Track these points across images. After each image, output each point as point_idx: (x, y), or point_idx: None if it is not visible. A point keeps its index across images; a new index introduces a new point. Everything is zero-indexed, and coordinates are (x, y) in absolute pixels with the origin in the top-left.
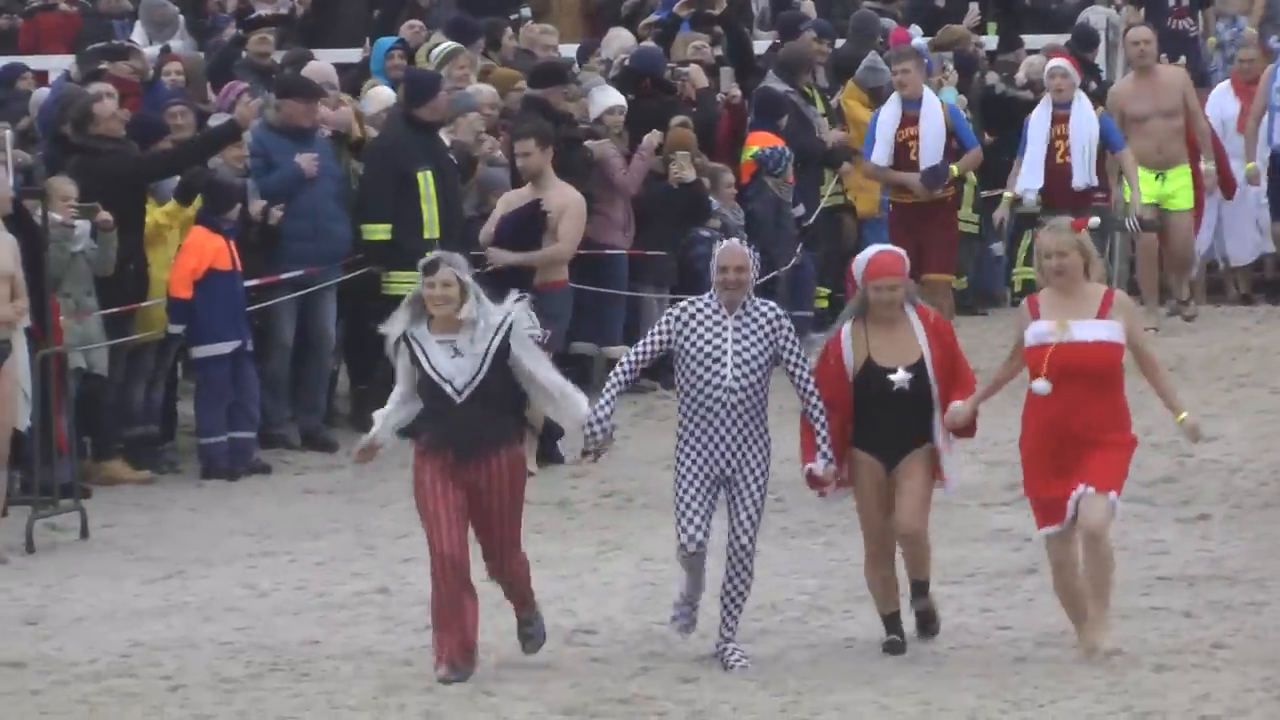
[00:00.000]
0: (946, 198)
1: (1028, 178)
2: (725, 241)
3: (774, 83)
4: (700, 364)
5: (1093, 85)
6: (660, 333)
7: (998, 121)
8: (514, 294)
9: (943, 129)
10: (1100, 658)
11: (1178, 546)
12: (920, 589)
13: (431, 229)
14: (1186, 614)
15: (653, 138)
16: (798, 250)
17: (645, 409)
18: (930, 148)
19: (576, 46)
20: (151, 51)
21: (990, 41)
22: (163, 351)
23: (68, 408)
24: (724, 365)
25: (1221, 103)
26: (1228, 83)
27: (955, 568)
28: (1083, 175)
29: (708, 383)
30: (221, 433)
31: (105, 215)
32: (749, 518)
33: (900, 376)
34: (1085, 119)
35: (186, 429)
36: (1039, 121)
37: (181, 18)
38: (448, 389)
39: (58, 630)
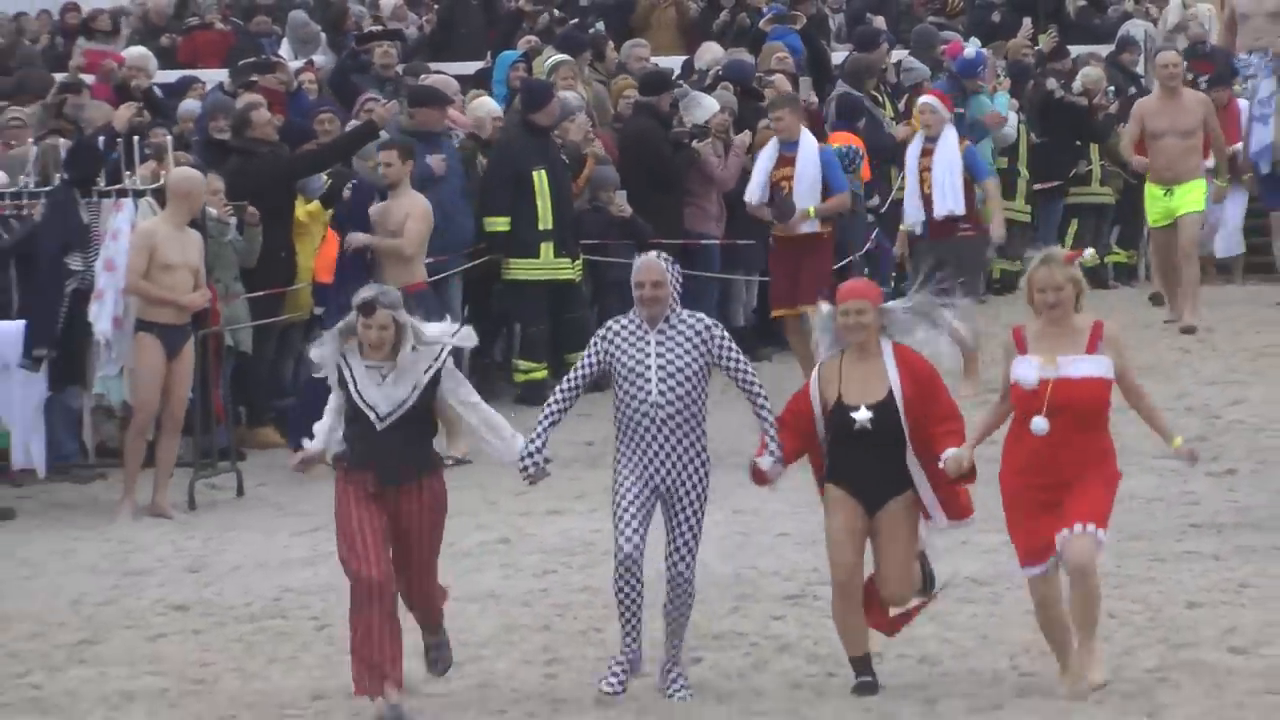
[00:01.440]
0: (822, 235)
1: (910, 210)
2: (642, 257)
3: (845, 89)
4: (627, 380)
5: (1131, 90)
6: (590, 356)
7: (1056, 123)
8: (453, 323)
9: (816, 170)
10: (1088, 692)
11: (1208, 497)
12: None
13: (545, 221)
14: (1215, 557)
15: (744, 138)
16: (873, 235)
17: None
18: (803, 186)
19: (669, 57)
20: (296, 64)
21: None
22: (309, 330)
23: (225, 381)
24: (649, 381)
25: None
26: None
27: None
28: (943, 205)
29: (634, 398)
30: None
31: (253, 211)
32: (686, 544)
33: (862, 415)
34: (948, 152)
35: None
36: (912, 154)
37: (323, 35)
38: (370, 415)
39: (217, 577)
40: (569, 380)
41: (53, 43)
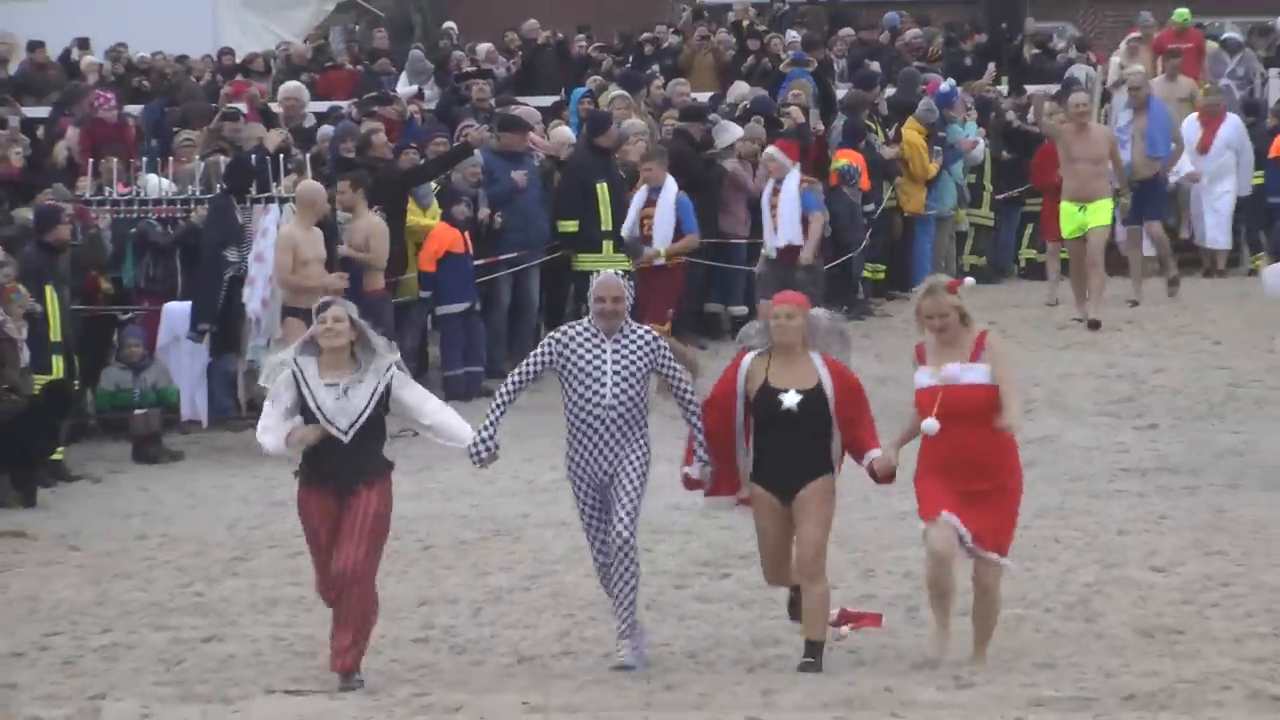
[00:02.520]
0: (669, 266)
1: (769, 238)
2: (602, 274)
3: (849, 118)
4: (582, 383)
5: None
6: (540, 355)
7: (1014, 147)
8: (390, 344)
9: (672, 213)
10: (940, 659)
11: (1134, 446)
12: (811, 651)
13: (606, 223)
14: (1140, 495)
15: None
16: (867, 235)
17: None
18: (660, 226)
19: (708, 93)
20: (409, 91)
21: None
22: (421, 308)
23: None
24: (604, 385)
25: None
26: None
27: None
28: (785, 235)
29: (589, 400)
30: (459, 367)
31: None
32: (627, 511)
33: (790, 398)
34: (790, 194)
35: (434, 365)
36: (765, 195)
37: (431, 68)
38: (333, 430)
39: None
40: (517, 374)
41: (214, 79)
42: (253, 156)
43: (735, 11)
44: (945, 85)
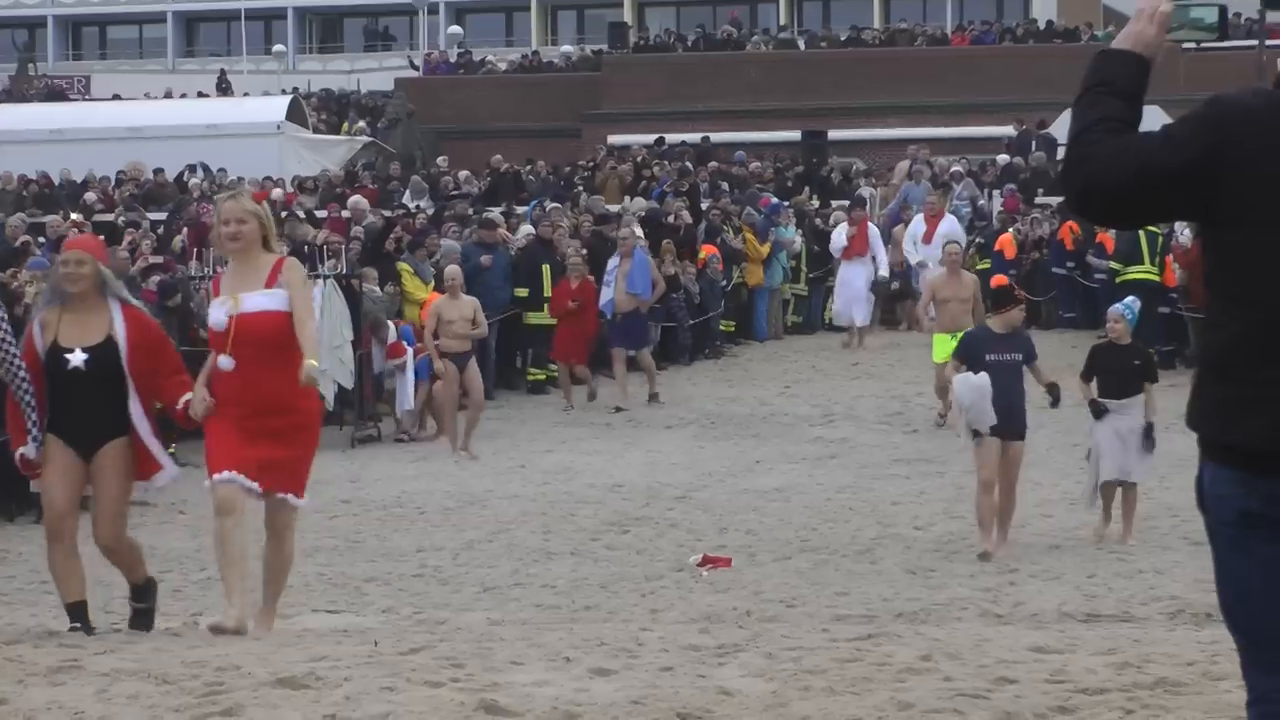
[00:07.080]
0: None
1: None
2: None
3: (708, 223)
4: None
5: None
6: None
7: (820, 242)
8: None
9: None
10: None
11: (903, 445)
12: (138, 594)
13: (547, 291)
14: (907, 478)
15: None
16: (723, 301)
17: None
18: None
19: (614, 205)
20: (413, 205)
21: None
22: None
23: None
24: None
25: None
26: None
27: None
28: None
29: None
30: None
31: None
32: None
33: (77, 357)
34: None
35: None
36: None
37: (427, 188)
38: None
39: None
40: None
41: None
42: (305, 246)
43: (633, 150)
44: (774, 200)
